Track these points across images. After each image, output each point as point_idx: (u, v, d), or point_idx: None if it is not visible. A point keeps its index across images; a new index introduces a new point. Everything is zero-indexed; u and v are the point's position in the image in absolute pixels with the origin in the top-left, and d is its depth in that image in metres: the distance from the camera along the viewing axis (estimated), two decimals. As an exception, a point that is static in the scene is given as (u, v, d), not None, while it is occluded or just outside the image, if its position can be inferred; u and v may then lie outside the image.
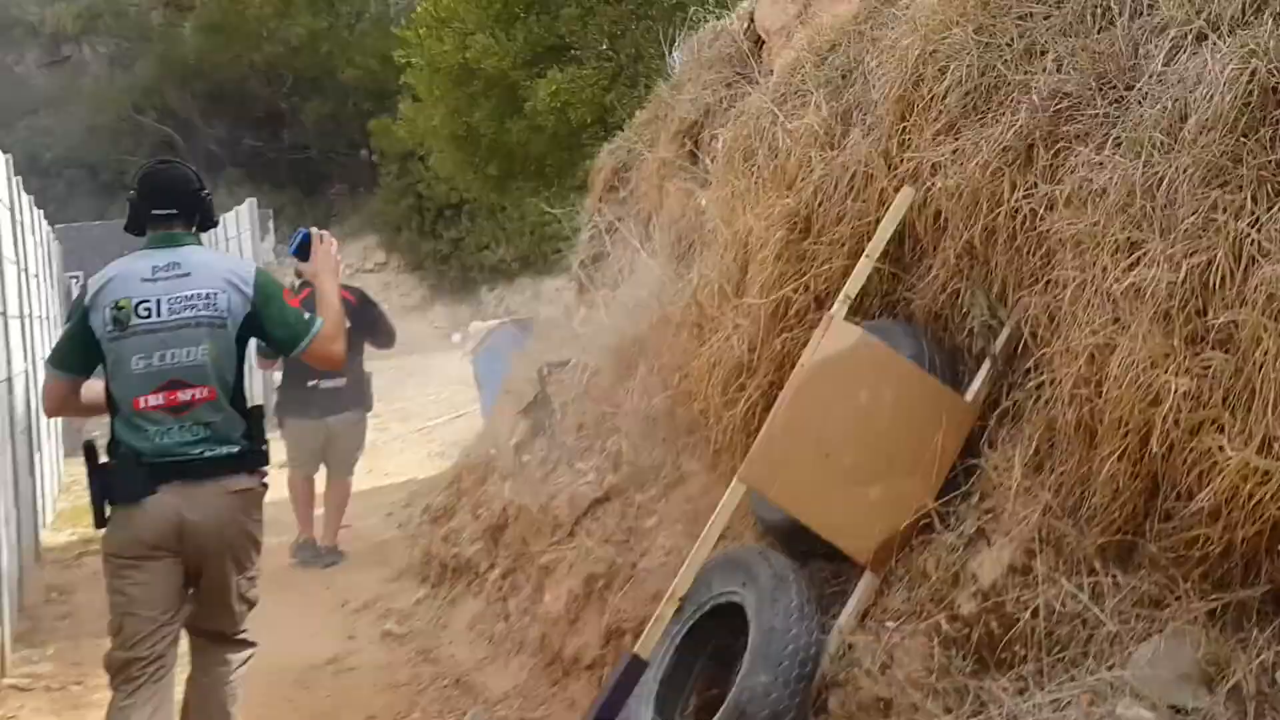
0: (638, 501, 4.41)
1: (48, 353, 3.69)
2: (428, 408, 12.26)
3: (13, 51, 29.58)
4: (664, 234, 5.86)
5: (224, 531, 3.29)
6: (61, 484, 10.68)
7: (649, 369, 4.90)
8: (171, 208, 3.43)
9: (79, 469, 11.91)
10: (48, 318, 10.73)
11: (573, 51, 9.42)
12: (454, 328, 21.52)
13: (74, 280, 18.16)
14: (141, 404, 3.23)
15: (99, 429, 3.73)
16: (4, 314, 6.50)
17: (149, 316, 3.27)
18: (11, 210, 7.63)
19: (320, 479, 7.17)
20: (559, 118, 8.92)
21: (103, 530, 3.32)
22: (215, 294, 3.32)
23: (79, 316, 3.33)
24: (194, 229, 3.51)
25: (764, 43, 6.55)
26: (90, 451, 3.33)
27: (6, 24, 29.53)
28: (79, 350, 3.35)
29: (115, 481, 3.27)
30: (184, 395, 3.24)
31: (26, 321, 8.06)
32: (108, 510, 3.28)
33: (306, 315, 3.50)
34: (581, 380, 5.47)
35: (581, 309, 7.61)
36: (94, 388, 3.43)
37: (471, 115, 9.68)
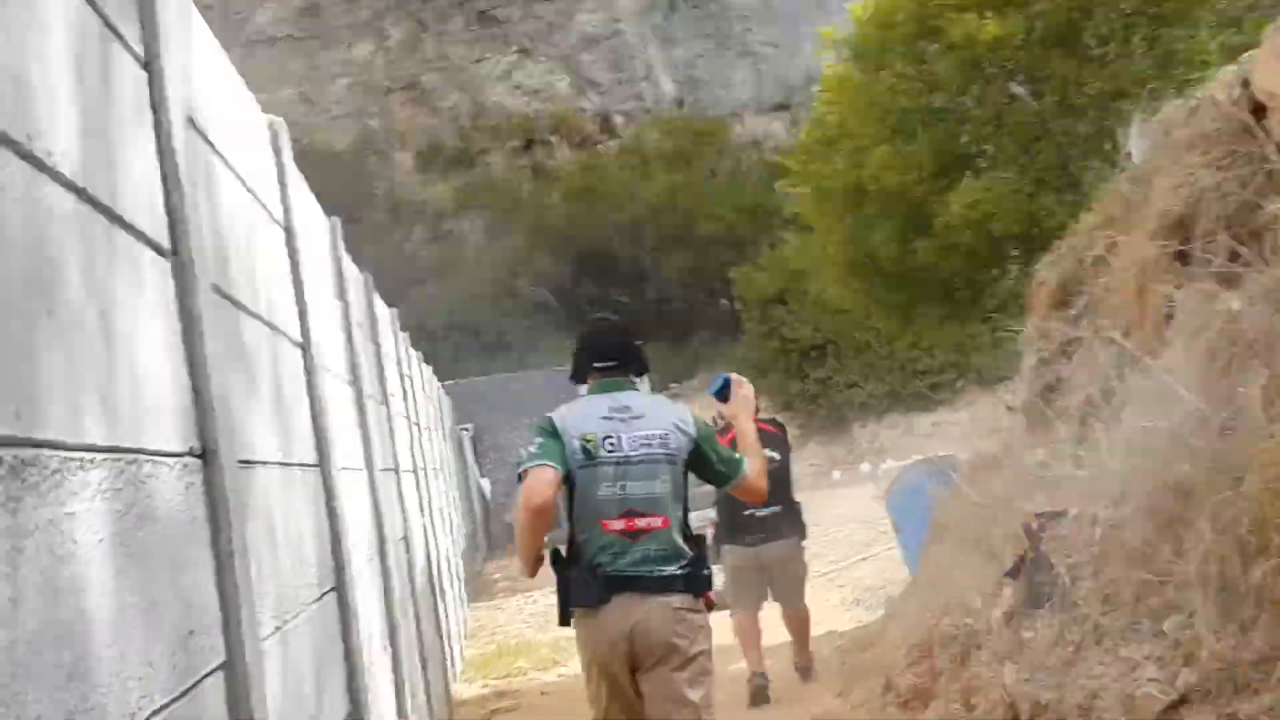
0: (1242, 713, 3.15)
1: (439, 505, 3.96)
2: (826, 548, 11.33)
3: (401, 230, 32.32)
4: (1181, 349, 4.65)
5: (668, 639, 3.55)
6: (468, 629, 10.51)
7: (1213, 525, 3.66)
8: (612, 360, 3.81)
9: (483, 613, 11.99)
10: (440, 469, 10.72)
11: (981, 161, 8.43)
12: (830, 466, 20.87)
13: (465, 432, 19.03)
14: (608, 526, 3.56)
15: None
16: (397, 469, 6.08)
17: (614, 450, 3.61)
18: (399, 365, 7.47)
19: (763, 616, 7.10)
20: (977, 232, 7.89)
21: (568, 626, 3.73)
22: (668, 434, 3.67)
23: (553, 435, 3.62)
24: (632, 376, 3.85)
25: (1266, 111, 5.28)
26: (556, 557, 3.69)
27: (394, 206, 32.43)
28: (562, 453, 3.59)
29: (576, 589, 3.61)
30: (640, 522, 3.57)
31: (420, 475, 7.81)
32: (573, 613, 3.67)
33: (737, 455, 3.81)
34: (1093, 536, 4.28)
35: (1039, 449, 6.43)
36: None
37: (868, 240, 8.83)
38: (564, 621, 3.71)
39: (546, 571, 3.77)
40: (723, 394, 4.06)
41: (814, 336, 24.27)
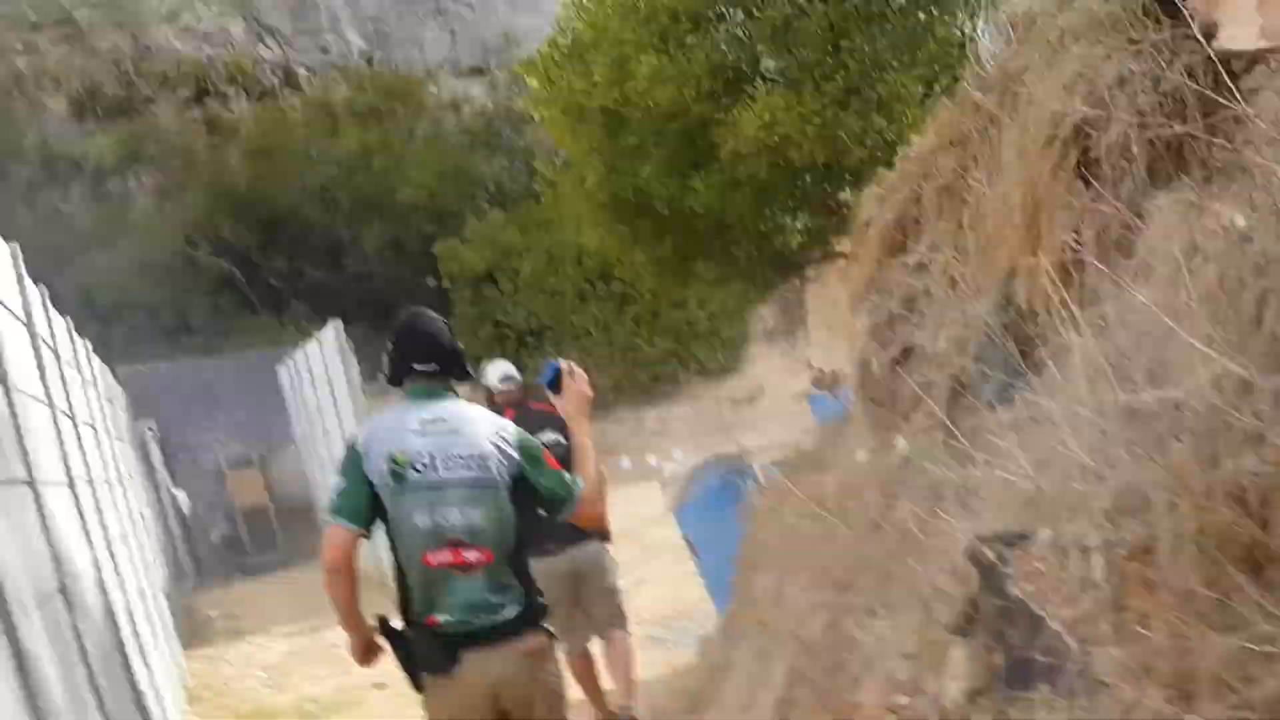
0: None
1: (119, 529, 4.16)
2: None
3: (56, 188, 28.39)
4: (1157, 283, 3.31)
5: (529, 689, 3.40)
6: (189, 692, 8.16)
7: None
8: (432, 362, 3.53)
9: (203, 665, 8.50)
10: (117, 479, 8.15)
11: (770, 74, 6.87)
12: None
13: (149, 430, 15.79)
14: (433, 560, 3.32)
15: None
16: (32, 481, 4.05)
17: (424, 472, 3.34)
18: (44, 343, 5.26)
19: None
20: (774, 162, 6.38)
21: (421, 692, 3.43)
22: (486, 456, 3.37)
23: (354, 464, 3.36)
24: (453, 381, 3.57)
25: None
26: (385, 626, 3.42)
27: (48, 159, 28.38)
28: (363, 500, 3.34)
29: (419, 651, 3.38)
30: (468, 555, 3.32)
31: (87, 489, 5.69)
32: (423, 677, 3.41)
33: (568, 477, 3.53)
34: (1089, 570, 2.85)
35: (898, 439, 5.03)
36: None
37: (637, 172, 7.11)
38: (418, 688, 3.45)
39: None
40: (555, 385, 3.70)
41: (529, 321, 22.94)
